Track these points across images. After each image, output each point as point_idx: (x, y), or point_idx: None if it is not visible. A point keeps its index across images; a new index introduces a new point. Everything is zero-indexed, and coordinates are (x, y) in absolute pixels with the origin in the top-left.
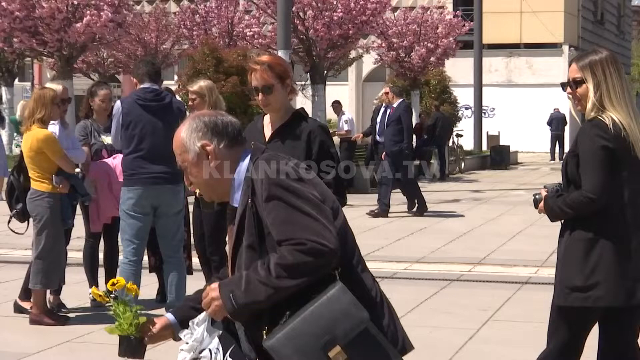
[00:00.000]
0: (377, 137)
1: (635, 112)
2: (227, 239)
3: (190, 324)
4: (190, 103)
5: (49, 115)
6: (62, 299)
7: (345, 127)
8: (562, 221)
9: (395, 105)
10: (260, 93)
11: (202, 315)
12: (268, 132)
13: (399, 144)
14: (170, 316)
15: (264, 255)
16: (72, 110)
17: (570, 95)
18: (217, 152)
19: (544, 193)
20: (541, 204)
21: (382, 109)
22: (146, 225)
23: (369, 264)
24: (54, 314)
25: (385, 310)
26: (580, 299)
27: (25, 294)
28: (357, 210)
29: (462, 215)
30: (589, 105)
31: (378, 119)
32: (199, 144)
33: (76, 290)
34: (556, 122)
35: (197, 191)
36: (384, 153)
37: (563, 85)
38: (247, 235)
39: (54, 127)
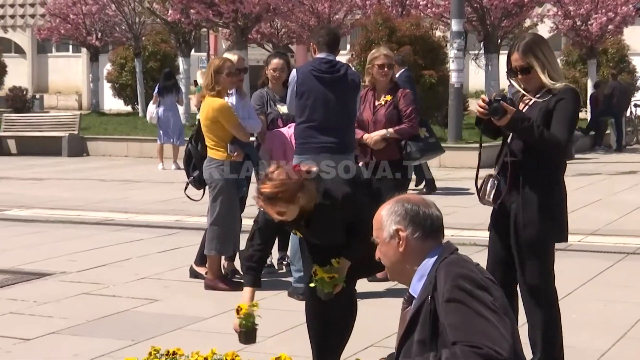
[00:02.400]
0: None
1: None
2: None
3: None
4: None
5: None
6: (236, 265)
7: None
8: (518, 171)
9: (397, 76)
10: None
11: None
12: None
13: None
14: None
15: (434, 350)
16: (247, 80)
17: (519, 82)
18: (408, 240)
19: (509, 108)
20: (508, 117)
21: None
22: None
23: None
24: (228, 280)
25: None
26: (558, 236)
27: (201, 259)
28: None
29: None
30: (545, 81)
31: None
32: (394, 227)
33: None
34: None
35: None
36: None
37: (509, 74)
38: (420, 329)
39: (230, 97)
